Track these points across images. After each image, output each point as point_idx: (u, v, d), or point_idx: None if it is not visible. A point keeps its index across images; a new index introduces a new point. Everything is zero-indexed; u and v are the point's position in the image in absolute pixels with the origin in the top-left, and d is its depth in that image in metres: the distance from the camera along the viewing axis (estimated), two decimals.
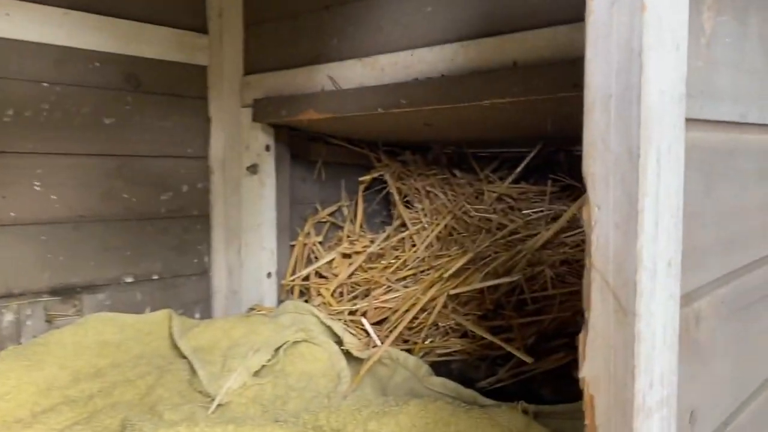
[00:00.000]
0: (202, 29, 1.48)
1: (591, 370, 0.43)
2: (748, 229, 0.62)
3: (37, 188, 1.24)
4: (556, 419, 0.92)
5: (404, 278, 1.21)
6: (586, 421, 0.44)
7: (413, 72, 1.16)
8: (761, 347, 0.67)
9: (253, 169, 1.46)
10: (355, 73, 1.25)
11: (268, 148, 1.47)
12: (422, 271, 1.20)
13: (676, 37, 0.43)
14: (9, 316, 1.22)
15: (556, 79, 0.94)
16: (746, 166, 0.61)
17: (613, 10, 0.41)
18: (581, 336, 0.44)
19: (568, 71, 0.92)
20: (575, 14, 0.76)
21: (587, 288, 0.43)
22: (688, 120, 0.47)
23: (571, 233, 1.19)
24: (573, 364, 1.09)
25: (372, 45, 1.23)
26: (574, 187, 1.40)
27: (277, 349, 1.22)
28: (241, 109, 1.48)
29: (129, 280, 1.40)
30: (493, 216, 1.29)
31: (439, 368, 1.13)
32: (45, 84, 1.25)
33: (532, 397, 1.05)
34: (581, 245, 1.22)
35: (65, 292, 1.29)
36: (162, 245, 1.44)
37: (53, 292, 1.27)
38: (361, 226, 1.55)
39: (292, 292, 1.47)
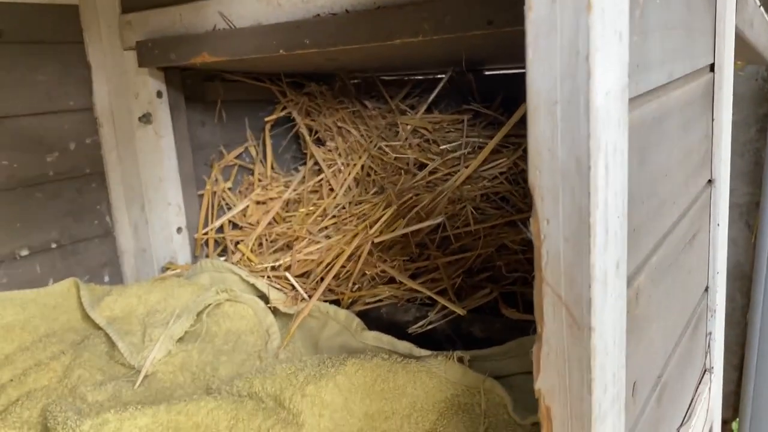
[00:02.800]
0: None
1: (546, 382, 0.42)
2: (672, 187, 0.62)
3: None
4: (490, 361, 0.94)
5: (326, 227, 1.17)
6: (542, 430, 0.43)
7: (313, 7, 1.06)
8: (682, 294, 0.69)
9: (145, 118, 1.34)
10: (249, 9, 1.14)
11: (159, 94, 1.35)
12: (343, 219, 1.16)
13: (618, 26, 0.39)
14: None
15: (470, 16, 0.88)
16: (672, 124, 0.60)
17: (555, 7, 0.36)
18: (535, 348, 0.42)
19: (482, 7, 0.87)
20: None
21: (539, 301, 0.41)
22: (630, 101, 0.44)
23: (488, 166, 1.18)
24: (498, 299, 1.11)
25: None
26: (486, 115, 1.38)
27: (199, 313, 1.18)
28: (124, 53, 1.33)
29: (24, 253, 1.28)
30: (409, 153, 1.25)
31: (368, 314, 1.13)
32: None
33: (462, 336, 1.07)
34: (499, 177, 1.22)
35: None
36: (56, 210, 1.32)
37: None
38: (272, 168, 1.48)
39: (207, 245, 1.41)
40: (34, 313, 1.26)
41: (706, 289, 0.81)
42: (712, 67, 0.75)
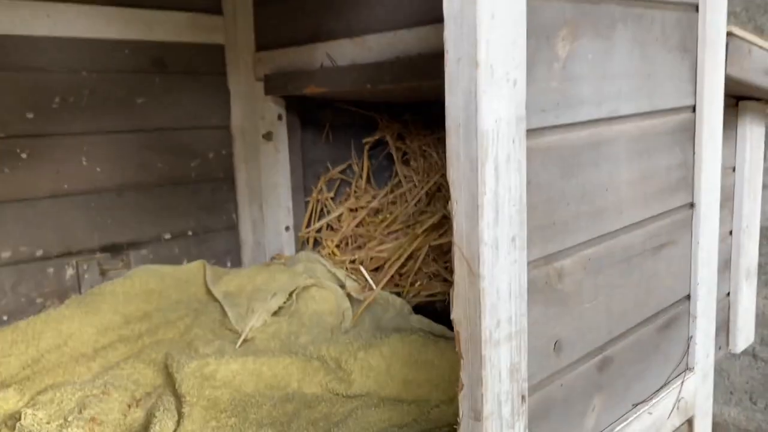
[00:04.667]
0: (217, 10, 1.65)
1: (457, 314, 0.62)
2: (620, 200, 0.78)
3: (84, 163, 1.46)
4: None
5: (396, 231, 1.40)
6: (456, 348, 0.63)
7: (395, 50, 1.31)
8: (638, 295, 0.84)
9: (268, 136, 1.65)
10: (348, 51, 1.41)
11: (280, 117, 1.66)
12: (408, 226, 1.38)
13: (511, 77, 0.59)
14: (70, 271, 1.47)
15: None
16: (616, 150, 0.77)
17: (460, 65, 0.57)
18: (451, 290, 0.62)
19: None
20: None
21: (453, 258, 0.62)
22: (535, 130, 0.64)
23: None
24: None
25: (362, 24, 1.38)
26: None
27: (291, 293, 1.45)
28: (255, 83, 1.66)
29: (167, 236, 1.63)
30: None
31: (425, 308, 1.33)
32: (84, 73, 1.45)
33: None
34: None
35: (114, 250, 1.53)
36: (194, 205, 1.66)
37: (104, 249, 1.52)
38: (368, 182, 1.74)
39: (307, 243, 1.69)
40: (170, 284, 1.59)
41: (688, 297, 0.94)
42: (693, 108, 0.89)
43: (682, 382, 0.92)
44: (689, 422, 0.96)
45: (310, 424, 1.06)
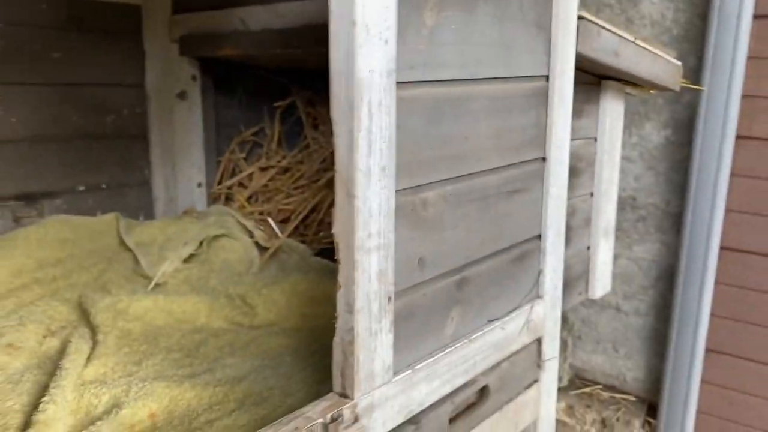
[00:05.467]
0: None
1: (337, 228, 0.77)
2: (479, 148, 0.95)
3: (0, 112, 1.51)
4: None
5: (302, 186, 1.53)
6: (336, 257, 0.78)
7: (304, 18, 1.43)
8: (493, 228, 1.02)
9: (182, 95, 1.74)
10: (260, 15, 1.52)
11: (194, 78, 1.75)
12: (314, 181, 1.52)
13: (384, 36, 0.74)
14: None
15: None
16: (476, 107, 0.93)
17: (341, 24, 0.72)
18: (333, 209, 0.77)
19: None
20: None
21: (335, 181, 0.76)
22: (404, 83, 0.79)
23: None
24: None
25: None
26: None
27: (201, 242, 1.55)
28: (171, 44, 1.74)
29: (81, 188, 1.69)
30: None
31: (326, 252, 1.48)
32: (0, 24, 1.49)
33: None
34: None
35: (28, 198, 1.59)
36: (108, 160, 1.73)
37: (18, 197, 1.57)
38: (279, 144, 1.86)
39: (218, 199, 1.79)
40: (84, 234, 1.66)
41: (539, 237, 1.13)
42: (546, 78, 1.08)
43: (532, 306, 1.11)
44: (538, 341, 1.16)
45: (216, 349, 1.18)
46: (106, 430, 0.88)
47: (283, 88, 1.91)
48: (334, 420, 0.75)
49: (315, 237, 1.47)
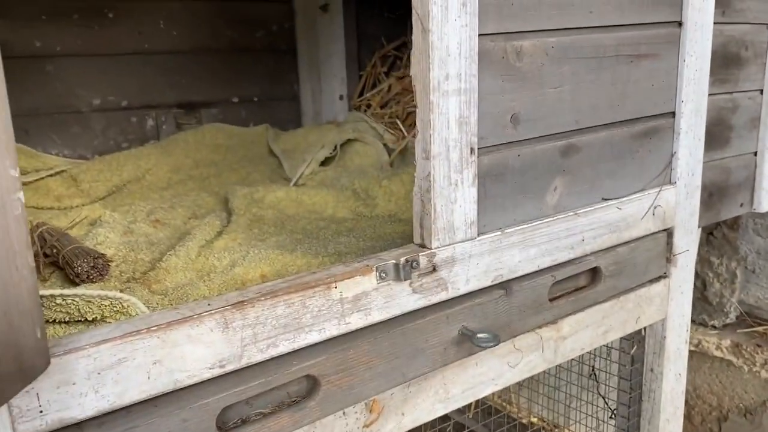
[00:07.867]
0: None
1: (413, 69, 0.74)
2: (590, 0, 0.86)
3: (162, 26, 1.66)
4: None
5: None
6: (413, 102, 0.76)
7: None
8: (611, 96, 0.92)
9: (324, 8, 1.79)
10: None
11: None
12: None
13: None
14: (150, 122, 1.69)
15: None
16: None
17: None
18: (410, 50, 0.74)
19: None
20: None
21: (412, 18, 0.73)
22: None
23: None
24: None
25: None
26: None
27: (336, 145, 1.60)
28: None
29: (235, 100, 1.82)
30: None
31: None
32: None
33: None
34: None
35: (188, 106, 1.74)
36: (258, 74, 1.84)
37: (180, 105, 1.73)
38: None
39: (359, 109, 1.83)
40: (236, 142, 1.79)
41: (673, 114, 1.00)
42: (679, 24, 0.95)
43: (659, 191, 1.00)
44: (668, 232, 1.04)
45: (335, 234, 1.22)
46: (218, 281, 0.95)
47: None
48: (408, 263, 0.74)
49: None
